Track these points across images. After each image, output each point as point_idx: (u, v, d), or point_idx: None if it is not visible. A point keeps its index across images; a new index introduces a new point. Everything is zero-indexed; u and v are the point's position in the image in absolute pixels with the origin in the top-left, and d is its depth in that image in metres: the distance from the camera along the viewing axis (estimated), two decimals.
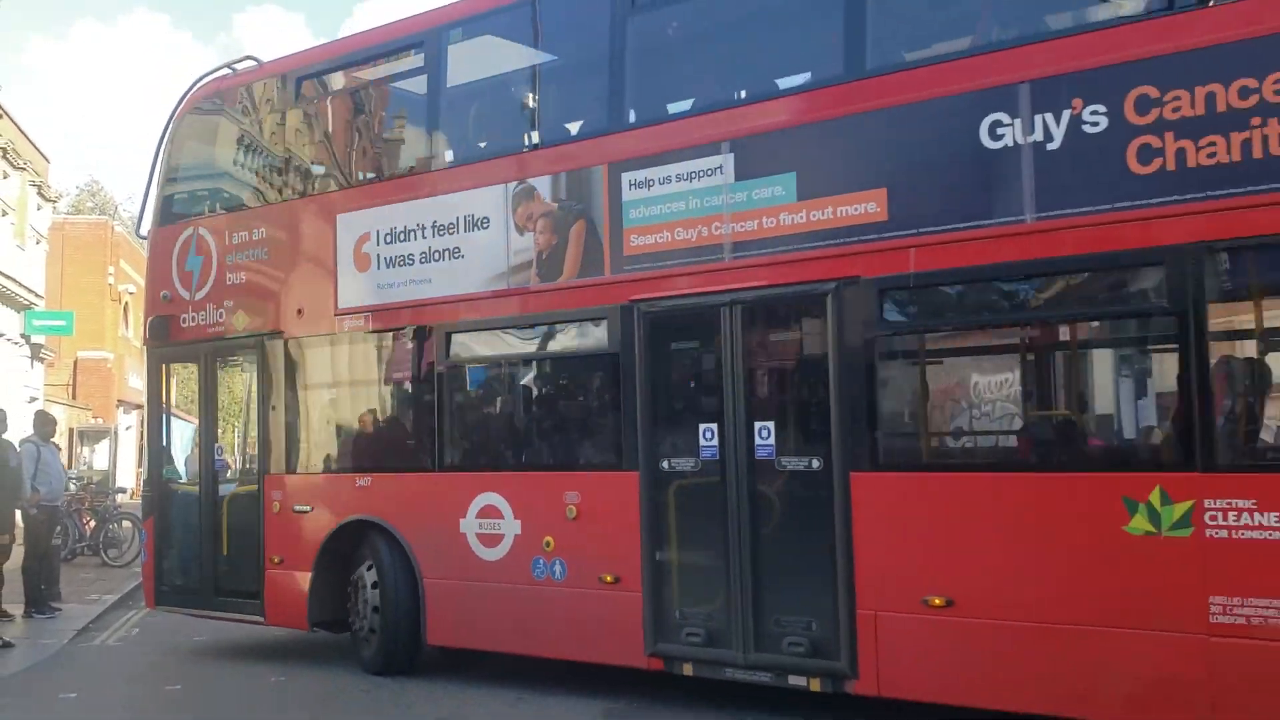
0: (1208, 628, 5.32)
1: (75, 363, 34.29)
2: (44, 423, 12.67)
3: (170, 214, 10.25)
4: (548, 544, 7.58)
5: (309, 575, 8.78)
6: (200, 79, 10.30)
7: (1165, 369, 5.69)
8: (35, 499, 11.64)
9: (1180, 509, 5.40)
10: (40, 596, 11.64)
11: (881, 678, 6.27)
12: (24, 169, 26.11)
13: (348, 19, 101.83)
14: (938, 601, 6.06)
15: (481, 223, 8.02)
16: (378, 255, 8.58)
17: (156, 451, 10.28)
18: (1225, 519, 5.30)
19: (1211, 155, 5.41)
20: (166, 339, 10.03)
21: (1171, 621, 5.42)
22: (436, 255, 8.26)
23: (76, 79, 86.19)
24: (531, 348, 8.11)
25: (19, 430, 14.33)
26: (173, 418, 10.66)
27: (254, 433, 9.73)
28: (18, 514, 11.11)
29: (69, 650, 10.07)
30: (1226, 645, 5.28)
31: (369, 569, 8.54)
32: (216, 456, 9.89)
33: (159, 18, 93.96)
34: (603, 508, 7.37)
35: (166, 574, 9.94)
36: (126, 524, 17.06)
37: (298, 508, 8.96)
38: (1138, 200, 5.59)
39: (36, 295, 27.26)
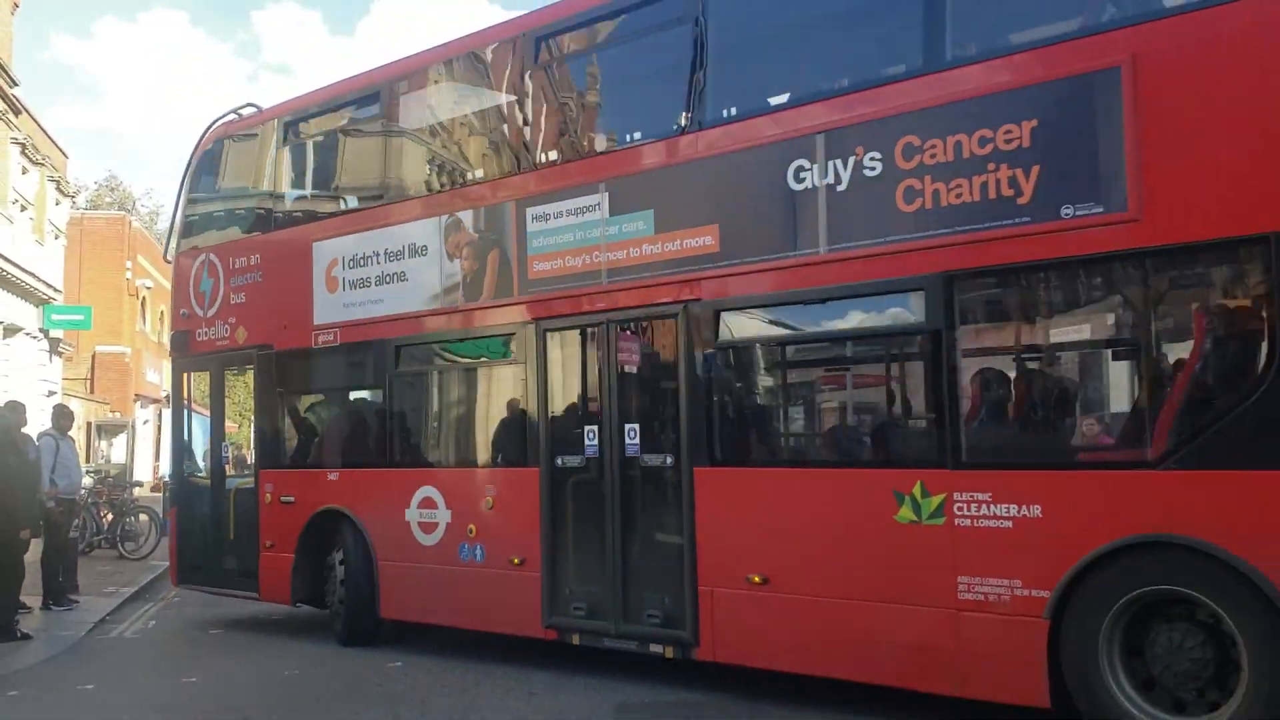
0: (956, 603, 6.20)
1: (93, 357, 34.35)
2: (62, 416, 12.67)
3: (189, 240, 11.73)
4: (471, 531, 8.74)
5: (292, 557, 10.12)
6: (215, 120, 11.74)
7: (926, 379, 6.53)
8: (53, 492, 11.66)
9: (935, 501, 6.28)
10: (58, 589, 11.68)
11: (717, 646, 7.27)
12: (43, 164, 26.20)
13: (364, 16, 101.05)
14: (757, 579, 7.03)
15: (422, 250, 9.22)
16: (343, 278, 9.85)
17: (179, 450, 11.84)
18: (969, 510, 6.16)
19: (959, 195, 6.27)
20: (186, 351, 11.52)
21: (929, 598, 6.30)
22: (388, 278, 9.48)
23: (96, 75, 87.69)
24: (459, 359, 9.29)
25: (38, 424, 15.21)
26: (195, 415, 12.18)
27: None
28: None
29: (86, 642, 10.26)
30: (970, 618, 6.15)
31: (338, 552, 9.82)
32: (224, 455, 11.34)
33: (178, 15, 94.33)
34: (512, 499, 8.51)
35: (186, 555, 11.43)
36: (144, 517, 17.25)
37: (284, 499, 10.30)
38: (903, 235, 6.48)
39: (55, 290, 27.07)
